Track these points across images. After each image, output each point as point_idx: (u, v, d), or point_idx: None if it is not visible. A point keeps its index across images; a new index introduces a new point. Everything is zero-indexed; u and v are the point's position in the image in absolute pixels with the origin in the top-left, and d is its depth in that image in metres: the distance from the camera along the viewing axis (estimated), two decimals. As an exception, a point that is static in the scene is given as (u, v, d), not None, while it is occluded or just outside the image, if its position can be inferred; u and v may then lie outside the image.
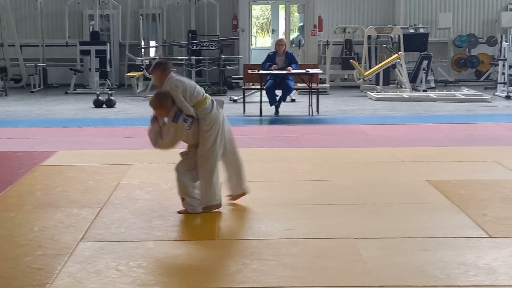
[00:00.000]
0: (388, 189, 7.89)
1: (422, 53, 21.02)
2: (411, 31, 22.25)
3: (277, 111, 14.98)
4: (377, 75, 19.99)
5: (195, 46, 21.31)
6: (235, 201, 7.25)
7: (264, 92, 14.73)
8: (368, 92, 19.08)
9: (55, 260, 5.51)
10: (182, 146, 7.18)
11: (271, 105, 14.86)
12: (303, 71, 14.93)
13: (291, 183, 8.13)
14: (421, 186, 7.97)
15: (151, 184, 8.16)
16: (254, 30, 29.62)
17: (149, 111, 15.53)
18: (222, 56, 20.47)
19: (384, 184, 8.15)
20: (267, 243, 5.98)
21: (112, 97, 16.66)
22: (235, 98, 17.57)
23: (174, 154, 9.95)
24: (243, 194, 7.24)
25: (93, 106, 16.46)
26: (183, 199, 6.89)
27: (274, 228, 6.40)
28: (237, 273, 5.22)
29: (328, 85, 19.87)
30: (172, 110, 6.84)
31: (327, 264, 5.41)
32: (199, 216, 6.79)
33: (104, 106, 16.45)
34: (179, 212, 6.88)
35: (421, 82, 20.32)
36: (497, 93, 19.02)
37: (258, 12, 33.28)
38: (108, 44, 21.12)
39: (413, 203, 7.23)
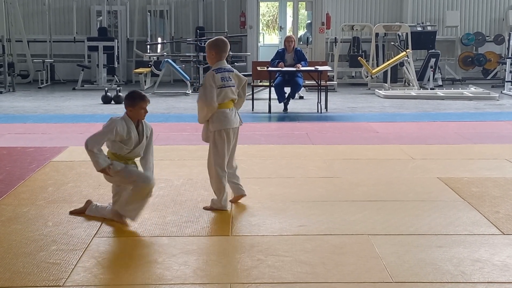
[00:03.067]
0: (400, 186, 7.89)
1: (429, 51, 21.03)
2: (419, 29, 22.25)
3: (285, 108, 14.99)
4: (385, 72, 20.02)
5: (203, 43, 21.29)
6: (249, 197, 7.28)
7: (273, 89, 14.73)
8: (376, 90, 19.09)
9: (70, 255, 5.52)
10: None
11: (279, 102, 14.86)
12: (312, 68, 14.93)
13: (304, 180, 8.13)
14: (433, 184, 7.98)
15: (163, 180, 8.16)
16: (260, 27, 29.62)
17: (157, 108, 15.63)
18: (230, 53, 20.46)
19: (396, 181, 8.15)
20: (281, 239, 5.99)
21: (120, 93, 16.68)
22: (243, 95, 17.55)
23: (183, 150, 10.04)
24: None
25: (102, 102, 16.50)
26: None
27: (288, 224, 6.41)
28: (253, 269, 5.23)
29: (336, 82, 19.88)
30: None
31: (342, 260, 5.41)
32: (212, 212, 6.81)
33: (113, 102, 16.48)
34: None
35: (428, 80, 20.33)
36: (504, 91, 19.03)
37: (264, 9, 33.26)
38: (116, 40, 21.16)
39: (425, 200, 7.23)
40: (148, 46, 22.53)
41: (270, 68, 14.64)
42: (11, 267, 5.26)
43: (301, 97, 17.45)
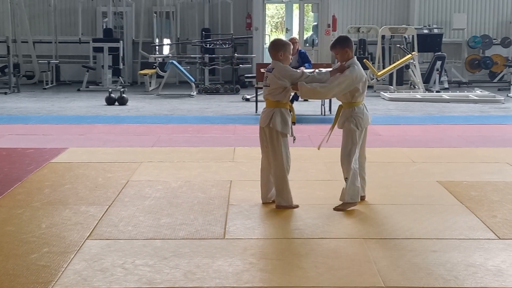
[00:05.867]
0: (399, 189, 7.83)
1: (436, 53, 20.96)
2: (425, 31, 22.20)
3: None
4: (391, 75, 19.95)
5: (208, 44, 21.31)
6: (247, 200, 7.26)
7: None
8: (381, 92, 19.05)
9: (61, 257, 5.49)
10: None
11: (283, 104, 14.78)
12: (316, 70, 14.83)
13: (303, 183, 8.07)
14: (432, 187, 7.92)
15: (160, 182, 8.14)
16: (268, 29, 29.60)
17: (161, 109, 15.63)
18: (236, 54, 20.46)
19: (395, 184, 8.09)
20: (275, 242, 5.95)
21: (124, 95, 16.68)
22: (248, 96, 17.57)
23: (184, 152, 10.01)
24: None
25: (105, 104, 16.49)
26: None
27: (283, 228, 6.37)
28: (244, 272, 5.18)
29: (341, 84, 19.78)
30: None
31: (335, 264, 5.36)
32: (208, 214, 6.76)
33: (116, 103, 16.48)
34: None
35: (434, 82, 20.28)
36: (510, 95, 18.96)
37: (273, 11, 33.27)
38: (121, 41, 21.16)
39: (423, 204, 7.17)
40: (157, 47, 22.55)
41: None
42: (1, 269, 5.22)
43: (305, 100, 17.38)
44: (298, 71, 7.04)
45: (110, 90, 17.23)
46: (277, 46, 7.01)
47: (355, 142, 7.05)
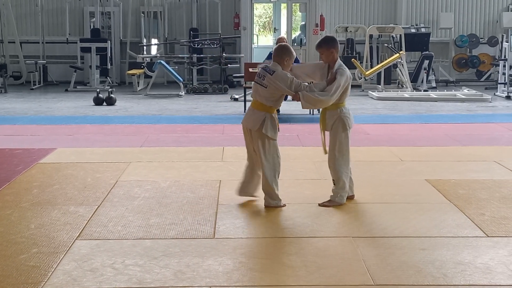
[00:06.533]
0: (387, 188, 7.86)
1: (423, 52, 21.01)
2: (413, 30, 22.25)
3: (277, 110, 14.90)
4: (379, 74, 19.98)
5: (196, 44, 21.31)
6: (236, 199, 7.27)
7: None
8: (369, 91, 19.08)
9: (50, 258, 5.48)
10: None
11: (271, 104, 14.78)
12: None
13: (291, 182, 8.08)
14: (421, 186, 7.95)
15: (149, 182, 8.13)
16: (256, 29, 29.60)
17: (149, 109, 15.59)
18: (224, 54, 20.46)
19: (384, 183, 8.12)
20: (265, 241, 5.97)
21: (112, 95, 16.66)
22: (236, 96, 17.57)
23: (173, 152, 10.01)
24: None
25: (93, 104, 16.46)
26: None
27: (273, 227, 6.38)
28: (234, 271, 5.19)
29: (329, 84, 19.80)
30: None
31: (325, 263, 5.37)
32: (197, 214, 6.77)
33: (104, 103, 16.45)
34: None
35: (422, 81, 20.32)
36: (497, 93, 19.02)
37: (261, 11, 33.24)
38: (109, 41, 21.11)
39: (411, 203, 7.20)
40: (144, 47, 22.51)
41: (261, 70, 14.58)
42: (-10, 270, 5.22)
43: (293, 99, 17.38)
44: (297, 79, 7.00)
45: (98, 90, 17.21)
46: (285, 52, 7.04)
47: (345, 143, 7.09)
